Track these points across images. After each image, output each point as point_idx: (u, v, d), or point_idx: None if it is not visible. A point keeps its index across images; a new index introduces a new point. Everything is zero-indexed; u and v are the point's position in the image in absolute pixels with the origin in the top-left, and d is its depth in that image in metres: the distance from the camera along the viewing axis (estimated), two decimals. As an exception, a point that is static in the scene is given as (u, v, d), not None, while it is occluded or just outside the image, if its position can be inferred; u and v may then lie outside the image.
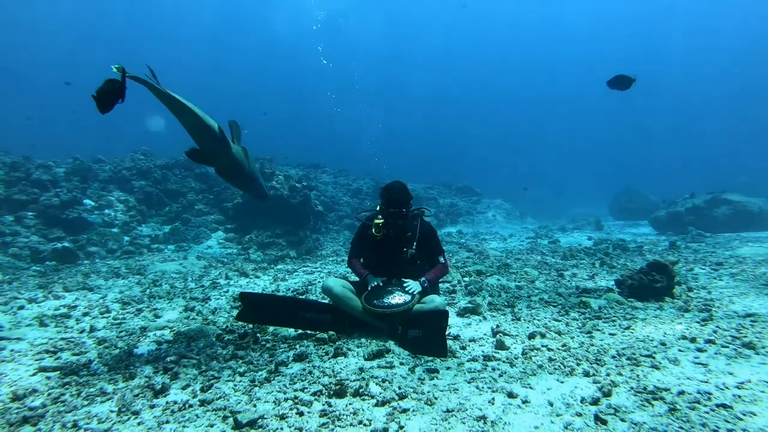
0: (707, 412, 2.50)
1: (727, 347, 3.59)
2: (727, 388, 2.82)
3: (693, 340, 3.77)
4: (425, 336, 3.79)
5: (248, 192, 5.21)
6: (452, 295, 5.97)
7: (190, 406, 2.76)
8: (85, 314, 5.22)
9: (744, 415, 2.46)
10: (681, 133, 62.92)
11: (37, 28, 55.62)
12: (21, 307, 5.45)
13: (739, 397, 2.67)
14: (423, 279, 4.34)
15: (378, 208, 4.58)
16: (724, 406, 2.55)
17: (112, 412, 2.71)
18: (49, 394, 2.98)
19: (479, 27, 65.40)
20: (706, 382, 2.93)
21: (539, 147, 64.23)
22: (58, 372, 3.41)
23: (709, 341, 3.72)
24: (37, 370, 3.47)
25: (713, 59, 60.79)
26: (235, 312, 5.15)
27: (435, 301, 4.16)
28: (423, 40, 64.70)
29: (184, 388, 3.05)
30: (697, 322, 4.32)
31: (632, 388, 2.85)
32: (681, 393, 2.74)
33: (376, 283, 4.34)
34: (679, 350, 3.57)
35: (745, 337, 3.77)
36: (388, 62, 65.94)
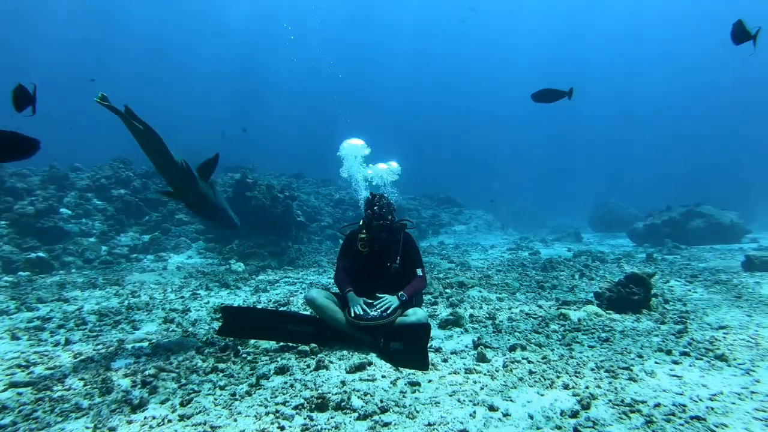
0: (682, 425, 2.55)
1: (701, 359, 3.67)
2: (700, 400, 2.89)
3: (669, 352, 3.86)
4: (407, 349, 3.80)
5: (217, 223, 5.23)
6: (434, 306, 5.99)
7: (169, 421, 2.72)
8: (60, 326, 5.10)
9: (716, 427, 2.52)
10: (657, 146, 64.42)
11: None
12: (-7, 319, 5.31)
13: (712, 409, 2.74)
14: (401, 293, 4.31)
15: (361, 222, 4.59)
16: (698, 418, 2.61)
17: (87, 428, 2.66)
18: (20, 411, 2.91)
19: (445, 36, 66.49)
20: (681, 394, 3.00)
21: (520, 158, 65.06)
22: (31, 387, 3.33)
23: (684, 353, 3.81)
24: (7, 385, 3.38)
25: (688, 70, 62.61)
26: (215, 324, 5.10)
27: (417, 313, 4.18)
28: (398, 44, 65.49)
29: (162, 403, 3.00)
30: (673, 335, 4.41)
31: (610, 400, 2.90)
32: (657, 405, 2.80)
33: (357, 305, 4.21)
34: (656, 362, 3.64)
35: (718, 349, 3.86)
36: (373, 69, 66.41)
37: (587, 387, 3.14)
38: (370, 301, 4.27)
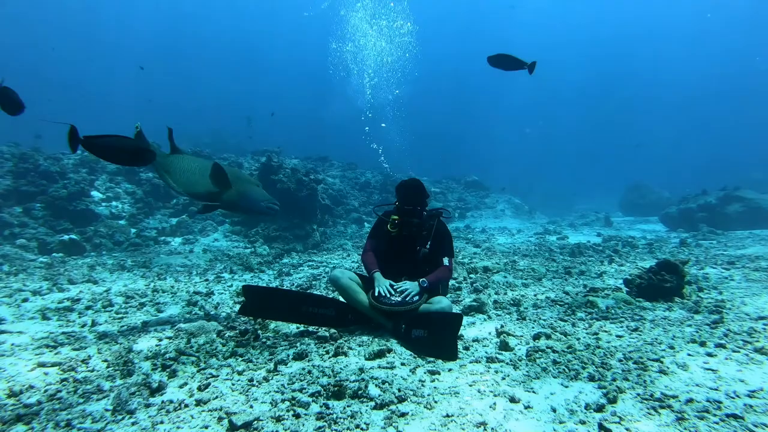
0: (717, 423, 2.40)
1: (738, 352, 3.48)
2: (738, 396, 2.72)
3: (703, 343, 3.66)
4: (431, 337, 3.71)
5: (256, 217, 5.40)
6: (457, 292, 5.89)
7: (186, 405, 2.72)
8: (88, 308, 5.22)
9: (756, 426, 2.36)
10: (693, 128, 62.10)
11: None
12: (25, 300, 5.46)
13: (751, 406, 2.57)
14: (422, 279, 4.20)
15: (395, 204, 4.49)
16: (734, 416, 2.45)
17: (107, 410, 2.68)
18: (45, 391, 2.96)
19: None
20: (716, 389, 2.83)
21: (549, 142, 63.62)
22: (57, 367, 3.40)
23: (719, 345, 3.61)
24: (36, 365, 3.46)
25: (726, 51, 59.89)
26: (237, 308, 5.12)
27: (442, 302, 4.06)
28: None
29: (181, 387, 3.01)
30: (707, 325, 4.20)
31: (639, 394, 2.76)
32: (689, 401, 2.65)
33: (382, 286, 4.17)
34: (688, 354, 3.47)
35: (757, 341, 3.65)
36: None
37: (614, 379, 3.00)
38: (395, 285, 4.20)
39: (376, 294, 4.10)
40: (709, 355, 3.44)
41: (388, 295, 4.07)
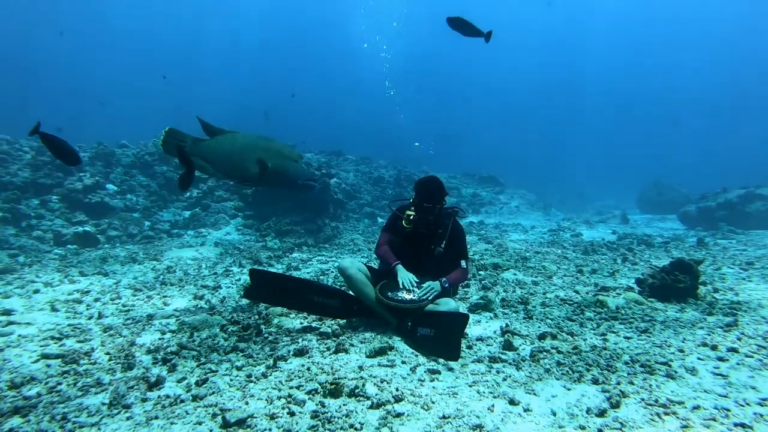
0: (723, 432, 2.32)
1: (752, 357, 3.36)
2: (747, 404, 2.61)
3: (714, 347, 3.55)
4: (437, 336, 3.64)
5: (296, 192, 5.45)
6: (465, 289, 5.81)
7: (182, 401, 2.71)
8: (97, 300, 5.26)
9: (764, 436, 2.27)
10: (714, 125, 60.71)
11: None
12: (36, 291, 5.53)
13: (761, 416, 2.47)
14: (444, 279, 4.11)
15: (411, 200, 4.43)
16: (742, 425, 2.36)
17: (103, 404, 2.69)
18: (46, 383, 2.98)
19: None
20: (725, 396, 2.73)
21: (566, 137, 62.76)
22: (60, 360, 3.42)
23: (731, 349, 3.49)
24: (39, 356, 3.49)
25: (749, 48, 58.32)
26: (244, 302, 5.13)
27: (449, 303, 3.97)
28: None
29: (179, 381, 3.01)
30: (721, 328, 4.08)
31: (643, 399, 2.67)
32: (696, 408, 2.55)
33: (405, 279, 4.09)
34: (698, 358, 3.36)
35: (772, 346, 3.53)
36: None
37: (619, 383, 2.92)
38: (417, 280, 4.14)
39: (400, 286, 4.04)
40: (721, 359, 3.34)
41: (403, 289, 4.01)
